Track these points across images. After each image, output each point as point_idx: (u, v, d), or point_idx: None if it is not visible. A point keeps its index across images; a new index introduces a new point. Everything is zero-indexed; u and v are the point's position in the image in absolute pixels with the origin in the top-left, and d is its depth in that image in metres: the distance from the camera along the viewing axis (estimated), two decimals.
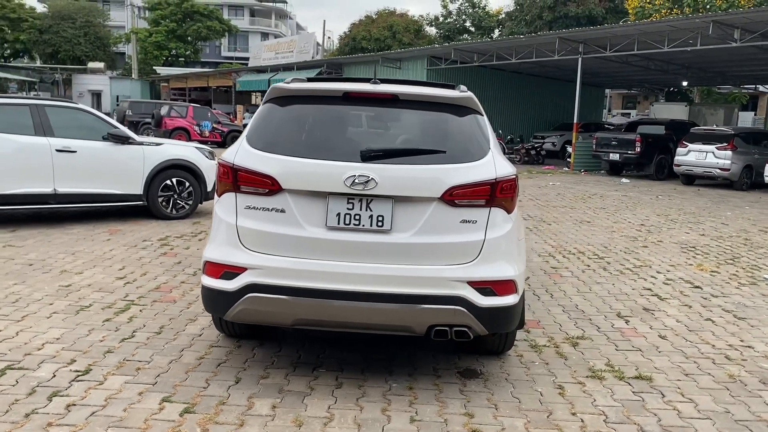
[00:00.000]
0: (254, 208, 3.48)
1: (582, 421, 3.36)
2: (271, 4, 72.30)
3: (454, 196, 3.41)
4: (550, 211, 11.44)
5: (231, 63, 60.34)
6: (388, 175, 3.38)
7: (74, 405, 3.27)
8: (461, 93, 3.74)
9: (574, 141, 21.38)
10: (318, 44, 64.02)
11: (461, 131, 3.68)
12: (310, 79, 4.03)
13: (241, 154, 3.56)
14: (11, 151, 7.60)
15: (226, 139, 25.23)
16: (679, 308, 5.50)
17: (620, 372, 4.02)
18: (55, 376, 3.60)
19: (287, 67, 33.50)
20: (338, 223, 3.40)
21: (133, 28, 57.05)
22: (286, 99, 3.76)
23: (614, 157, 19.29)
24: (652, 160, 18.96)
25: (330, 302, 3.35)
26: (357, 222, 3.39)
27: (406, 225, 3.40)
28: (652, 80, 29.73)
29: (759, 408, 3.59)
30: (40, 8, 61.45)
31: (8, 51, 60.14)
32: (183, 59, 58.54)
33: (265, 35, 66.97)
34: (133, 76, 54.34)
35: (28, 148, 7.70)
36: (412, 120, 3.72)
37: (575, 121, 21.26)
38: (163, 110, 24.90)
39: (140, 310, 4.82)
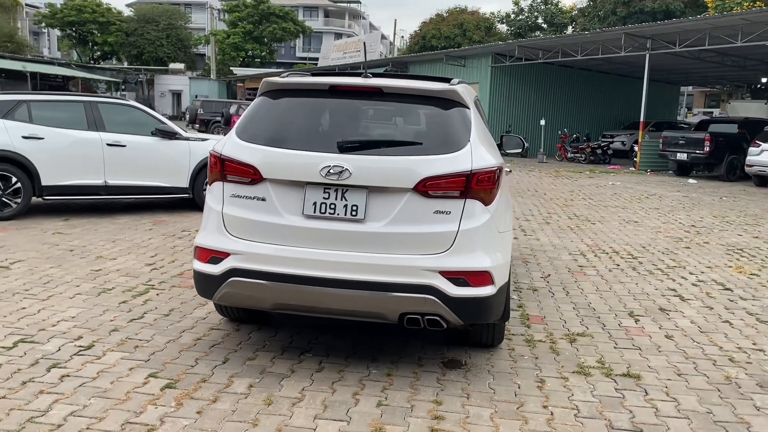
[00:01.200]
0: (238, 196, 3.65)
1: (551, 414, 3.35)
2: (344, 4, 73.29)
3: (428, 187, 3.47)
4: (600, 210, 11.19)
5: (305, 63, 61.51)
6: (362, 166, 3.47)
7: (68, 376, 3.53)
8: (444, 86, 3.78)
9: (640, 140, 20.71)
10: (391, 43, 64.42)
11: (442, 123, 3.73)
12: (314, 74, 4.16)
13: (229, 144, 3.73)
14: (66, 144, 8.13)
15: None
16: (699, 309, 5.33)
17: (609, 369, 3.97)
18: (59, 350, 3.89)
19: (354, 67, 33.92)
20: (314, 212, 3.52)
21: (212, 30, 59.14)
22: (277, 92, 3.91)
23: (681, 156, 18.58)
24: (722, 160, 18.15)
25: (306, 288, 3.48)
26: (332, 211, 3.50)
27: (379, 214, 3.49)
28: (729, 76, 28.43)
29: (745, 410, 3.48)
30: (127, 12, 64.51)
31: (98, 53, 63.45)
32: (259, 60, 60.20)
33: (338, 35, 67.83)
34: (211, 76, 56.32)
35: (81, 142, 8.21)
36: (395, 112, 3.79)
37: (642, 119, 20.59)
38: (232, 109, 25.76)
39: (157, 294, 5.10)
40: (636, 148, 21.46)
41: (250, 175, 3.60)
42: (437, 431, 3.11)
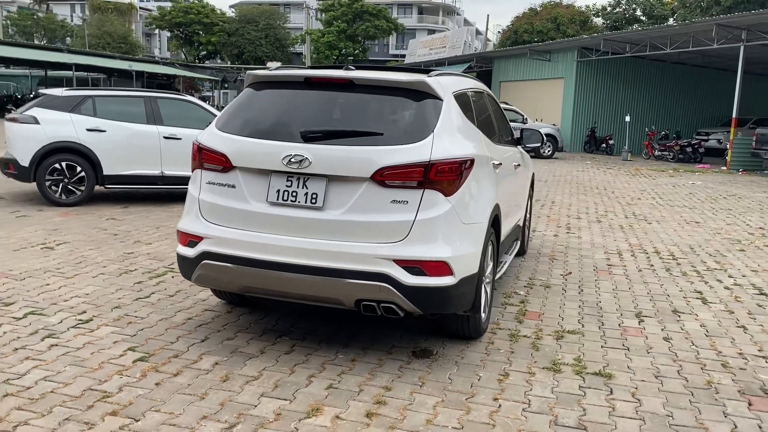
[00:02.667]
0: (212, 183, 3.85)
1: (499, 406, 3.32)
2: (439, 1, 73.12)
3: (385, 177, 3.52)
4: (663, 210, 10.71)
5: (397, 60, 61.92)
6: (321, 155, 3.58)
7: (56, 345, 3.85)
8: (413, 77, 3.82)
9: (731, 137, 19.51)
10: (488, 40, 63.61)
11: (406, 114, 3.77)
12: (311, 67, 4.30)
13: (207, 134, 3.94)
14: (126, 137, 8.70)
15: None
16: (717, 313, 5.06)
17: (583, 367, 3.87)
18: (61, 322, 4.24)
19: (439, 63, 33.88)
20: (278, 199, 3.66)
21: (308, 29, 60.67)
22: (259, 84, 4.08)
23: None
24: None
25: (269, 272, 3.63)
26: (294, 198, 3.63)
27: (337, 203, 3.58)
28: None
29: (710, 416, 3.31)
30: (230, 13, 67.35)
31: (203, 52, 66.63)
32: (352, 58, 61.16)
33: (432, 32, 67.79)
34: None
35: (140, 135, 8.77)
36: (363, 103, 3.85)
37: (734, 115, 19.38)
38: None
39: (172, 277, 5.42)
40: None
41: (222, 163, 3.79)
42: (372, 414, 3.17)
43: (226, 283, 3.87)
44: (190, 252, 3.86)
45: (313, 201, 3.60)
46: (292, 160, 3.58)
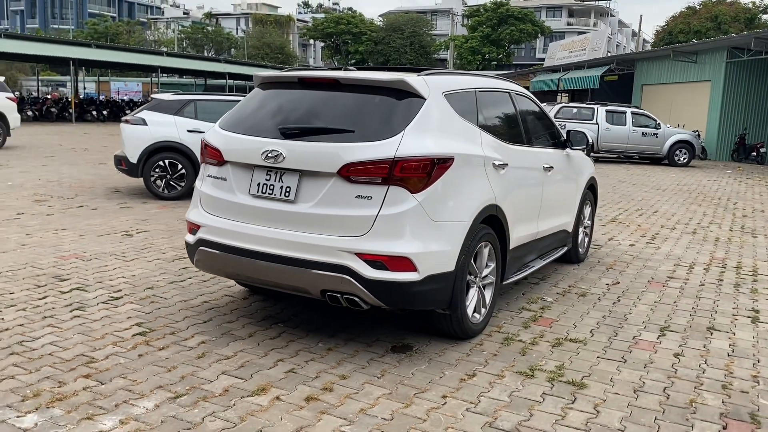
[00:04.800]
0: (211, 176, 4.18)
1: (443, 404, 3.32)
2: (591, 2, 70.41)
3: (351, 172, 3.64)
4: None
5: (542, 64, 60.52)
6: (294, 151, 3.77)
7: (78, 317, 4.36)
8: (392, 76, 3.90)
9: None
10: (645, 41, 60.31)
11: (381, 112, 3.85)
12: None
13: (211, 132, 4.28)
14: None
15: None
16: (760, 333, 4.61)
17: (559, 375, 3.73)
18: (95, 298, 4.78)
19: (578, 66, 32.72)
20: (258, 192, 3.90)
21: (452, 35, 61.01)
22: (264, 85, 4.36)
23: None
24: None
25: (247, 260, 3.88)
26: (271, 191, 3.85)
27: (308, 196, 3.75)
28: None
29: None
30: (378, 22, 69.33)
31: (351, 61, 69.25)
32: (495, 63, 60.67)
33: (582, 35, 65.50)
34: None
35: None
36: (347, 102, 3.98)
37: None
38: None
39: None
40: None
41: (217, 157, 4.10)
42: (311, 399, 3.31)
43: (217, 269, 4.17)
44: (191, 239, 4.21)
45: (287, 194, 3.80)
46: (269, 155, 3.80)
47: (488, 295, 4.44)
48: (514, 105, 5.10)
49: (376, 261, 3.61)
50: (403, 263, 3.62)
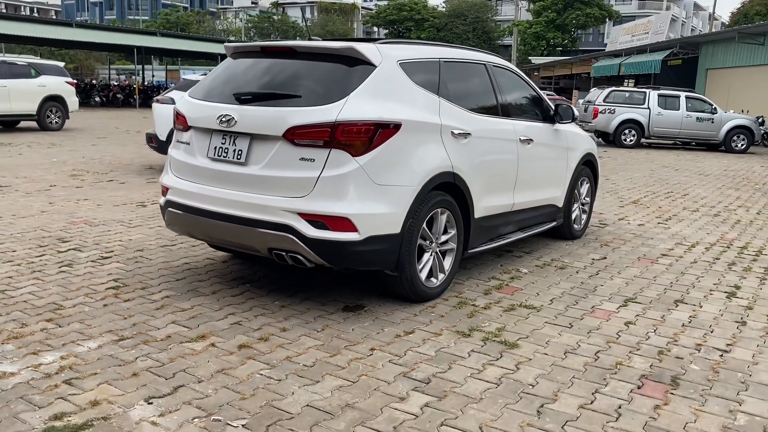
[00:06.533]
0: (179, 141, 4.43)
1: (368, 356, 3.45)
2: None
3: (295, 135, 3.81)
4: None
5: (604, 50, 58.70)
6: (245, 115, 3.97)
7: (63, 272, 4.71)
8: (342, 44, 4.04)
9: None
10: (723, 23, 57.58)
11: (332, 78, 3.99)
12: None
13: (181, 99, 4.52)
14: None
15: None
16: (729, 308, 4.53)
17: (495, 335, 3.80)
18: (87, 257, 5.13)
19: (640, 50, 31.70)
20: (215, 155, 4.12)
21: (515, 20, 59.92)
22: (234, 54, 4.57)
23: None
24: None
25: (205, 220, 4.12)
26: (225, 154, 4.07)
27: (257, 159, 3.95)
28: None
29: (576, 391, 3.13)
30: (441, 8, 68.85)
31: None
32: (560, 48, 59.27)
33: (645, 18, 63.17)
34: None
35: None
36: (301, 69, 4.14)
37: None
38: None
39: None
40: None
41: (183, 123, 4.35)
42: (243, 346, 3.51)
43: (183, 229, 4.42)
44: (162, 201, 4.48)
45: (239, 157, 4.00)
46: (223, 119, 4.01)
47: (448, 260, 4.52)
48: (491, 77, 5.13)
49: (317, 221, 3.77)
50: (343, 223, 3.76)
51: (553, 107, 5.86)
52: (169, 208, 4.35)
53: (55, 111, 17.13)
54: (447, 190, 4.37)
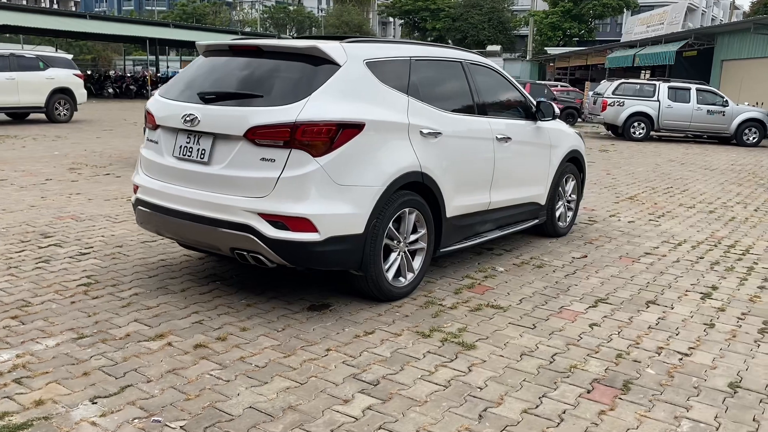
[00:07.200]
0: (148, 140, 4.46)
1: (323, 357, 3.47)
2: None
3: (256, 135, 3.82)
4: None
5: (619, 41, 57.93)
6: (208, 115, 3.99)
7: (40, 268, 4.78)
8: (306, 43, 4.04)
9: None
10: (746, 13, 56.63)
11: (295, 78, 3.99)
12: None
13: (152, 99, 4.55)
14: None
15: (560, 116, 25.18)
16: (701, 310, 4.48)
17: (455, 337, 3.80)
18: (66, 253, 5.19)
19: (655, 41, 31.26)
20: (180, 154, 4.15)
21: (531, 10, 59.35)
22: (206, 53, 4.59)
23: None
24: None
25: (171, 219, 4.15)
26: (190, 154, 4.09)
27: (219, 158, 3.97)
28: None
29: (523, 395, 3.13)
30: None
31: (429, 38, 68.66)
32: (577, 39, 58.61)
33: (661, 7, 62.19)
34: (528, 57, 56.96)
35: None
36: (267, 68, 4.13)
37: None
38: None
39: None
40: None
41: (152, 122, 4.38)
42: (201, 346, 3.54)
43: (151, 227, 4.46)
44: (133, 199, 4.52)
45: (202, 156, 4.02)
46: (187, 118, 4.03)
47: (418, 260, 4.52)
48: (466, 75, 5.09)
49: (277, 221, 3.78)
50: (303, 224, 3.77)
51: (535, 104, 5.81)
52: (139, 207, 4.39)
53: (64, 103, 17.31)
54: (416, 190, 4.37)
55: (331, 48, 4.02)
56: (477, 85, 5.16)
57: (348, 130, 3.88)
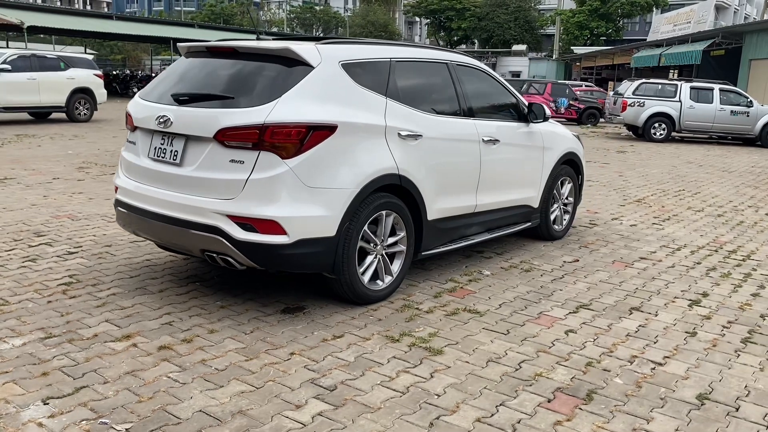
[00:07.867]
0: (128, 141, 4.49)
1: (285, 360, 3.45)
2: None
3: (225, 137, 3.82)
4: None
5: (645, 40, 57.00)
6: (180, 116, 3.99)
7: (26, 267, 4.84)
8: (279, 44, 4.02)
9: None
10: None
11: (267, 79, 3.98)
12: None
13: (132, 101, 4.57)
14: None
15: (581, 117, 24.89)
16: (686, 317, 4.37)
17: (423, 341, 3.75)
18: (55, 251, 5.25)
19: (682, 40, 30.73)
20: (155, 156, 4.16)
21: (558, 9, 58.75)
22: (187, 54, 4.60)
23: None
24: None
25: (144, 219, 4.18)
26: (164, 155, 4.10)
27: (191, 160, 3.97)
28: None
29: (480, 403, 3.07)
30: None
31: (455, 38, 68.41)
32: (604, 38, 57.87)
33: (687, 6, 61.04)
34: (554, 57, 56.41)
35: None
36: (240, 70, 4.12)
37: None
38: (523, 87, 25.89)
39: None
40: None
41: (131, 123, 4.41)
42: (165, 348, 3.55)
43: (129, 228, 4.48)
44: (113, 200, 4.55)
45: (175, 158, 4.03)
46: (161, 120, 4.05)
47: (397, 263, 4.48)
48: (452, 77, 5.03)
49: (245, 223, 3.77)
50: (272, 226, 3.76)
51: (527, 106, 5.72)
52: (118, 207, 4.42)
53: (84, 103, 17.57)
54: (394, 192, 4.32)
55: (304, 49, 4.00)
56: (463, 87, 5.09)
57: (319, 132, 3.85)
